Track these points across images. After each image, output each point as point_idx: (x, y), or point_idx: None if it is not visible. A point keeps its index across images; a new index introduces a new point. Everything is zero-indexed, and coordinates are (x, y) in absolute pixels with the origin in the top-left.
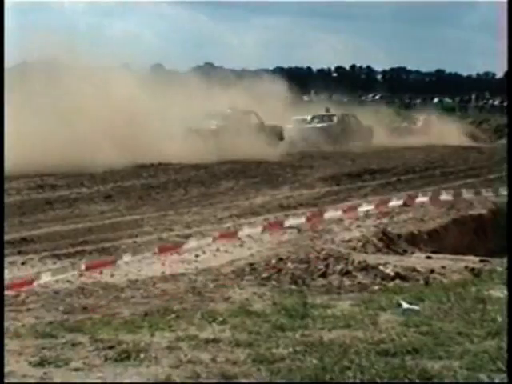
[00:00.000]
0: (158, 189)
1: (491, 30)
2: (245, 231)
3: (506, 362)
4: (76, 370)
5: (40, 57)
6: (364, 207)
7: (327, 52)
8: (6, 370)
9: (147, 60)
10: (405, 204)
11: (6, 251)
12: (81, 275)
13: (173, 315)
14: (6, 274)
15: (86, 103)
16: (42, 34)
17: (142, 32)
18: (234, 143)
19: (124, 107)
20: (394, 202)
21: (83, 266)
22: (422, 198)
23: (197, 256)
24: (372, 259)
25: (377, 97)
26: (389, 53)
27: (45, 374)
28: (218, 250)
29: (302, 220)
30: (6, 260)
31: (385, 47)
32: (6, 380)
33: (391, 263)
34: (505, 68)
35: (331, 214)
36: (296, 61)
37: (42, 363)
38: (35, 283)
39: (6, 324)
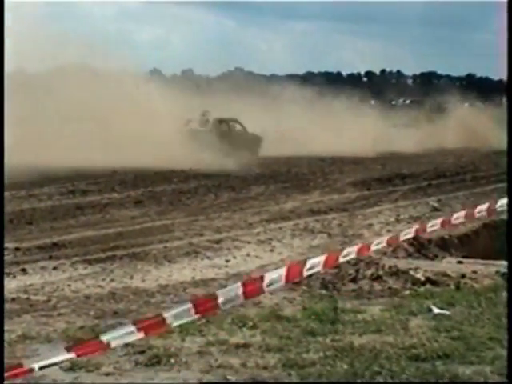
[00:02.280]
0: (188, 194)
1: None
2: None
3: None
4: (107, 374)
5: (71, 62)
6: None
7: (357, 57)
8: (38, 374)
9: (177, 65)
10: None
11: (37, 256)
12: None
13: (203, 320)
14: (38, 279)
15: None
16: (72, 41)
17: (171, 37)
18: None
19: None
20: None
21: None
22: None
23: (227, 261)
24: (402, 264)
25: (407, 101)
26: (419, 57)
27: (76, 378)
28: (248, 254)
29: None
30: (38, 265)
31: (415, 51)
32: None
33: (422, 268)
34: None
35: None
36: (326, 66)
37: (72, 368)
38: None
39: (36, 329)
